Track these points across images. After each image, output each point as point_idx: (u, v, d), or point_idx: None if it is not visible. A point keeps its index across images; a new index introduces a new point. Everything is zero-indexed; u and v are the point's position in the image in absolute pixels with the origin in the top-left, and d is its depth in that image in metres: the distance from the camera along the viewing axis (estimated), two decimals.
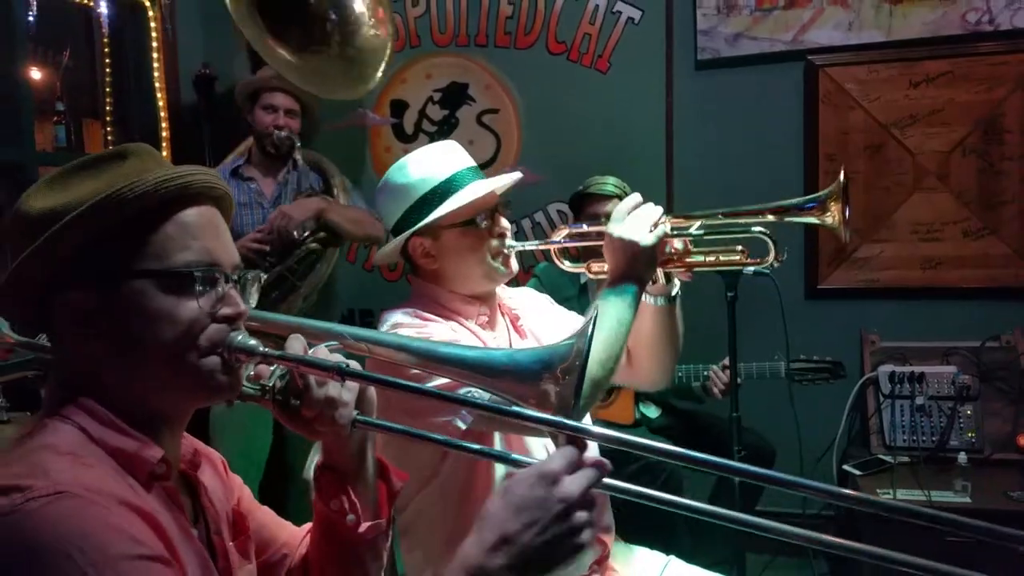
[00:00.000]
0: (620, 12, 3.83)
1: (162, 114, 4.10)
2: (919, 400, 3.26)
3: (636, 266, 1.73)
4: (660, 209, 1.78)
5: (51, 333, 1.09)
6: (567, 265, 2.07)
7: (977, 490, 2.89)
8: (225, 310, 1.07)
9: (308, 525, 1.32)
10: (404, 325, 1.76)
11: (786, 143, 3.69)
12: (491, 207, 1.84)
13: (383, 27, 3.59)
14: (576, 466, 0.97)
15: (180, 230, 1.05)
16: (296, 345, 1.13)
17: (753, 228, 1.81)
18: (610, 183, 3.35)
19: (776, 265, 1.83)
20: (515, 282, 2.00)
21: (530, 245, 1.98)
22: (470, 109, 4.08)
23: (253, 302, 1.16)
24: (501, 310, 1.96)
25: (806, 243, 3.69)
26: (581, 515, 0.95)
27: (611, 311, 1.70)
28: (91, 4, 3.91)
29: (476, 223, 1.80)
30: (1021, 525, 2.97)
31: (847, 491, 1.11)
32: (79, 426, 1.01)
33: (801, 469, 3.10)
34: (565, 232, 1.98)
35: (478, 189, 1.80)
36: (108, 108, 4.07)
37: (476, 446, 1.21)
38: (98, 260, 1.02)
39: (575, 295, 3.21)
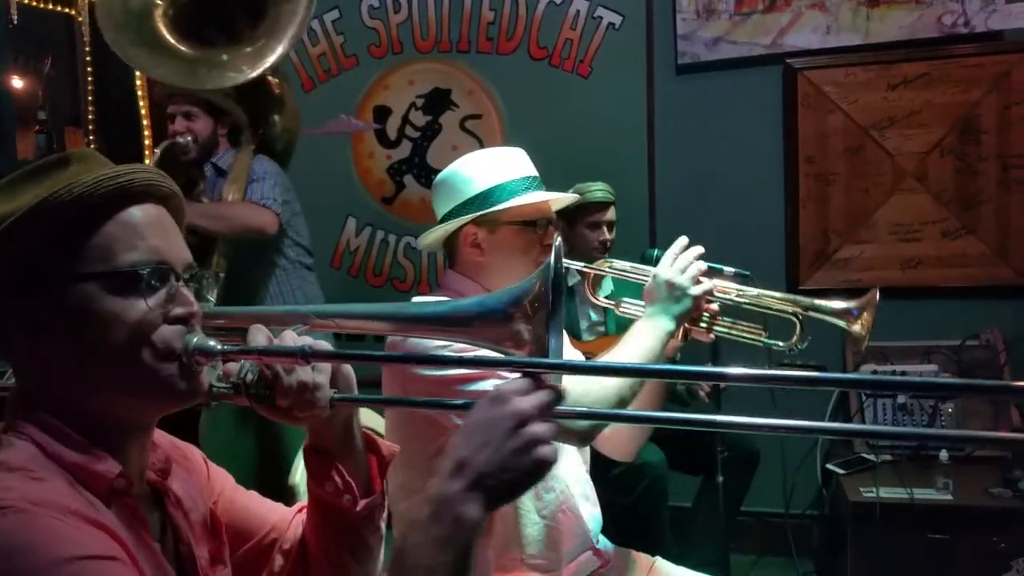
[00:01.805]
0: (601, 17, 3.85)
1: (144, 122, 4.10)
2: (901, 399, 3.29)
3: (675, 310, 1.80)
4: (704, 264, 1.85)
5: (2, 343, 1.06)
6: (601, 299, 2.14)
7: (959, 487, 2.92)
8: (177, 310, 1.04)
9: (298, 505, 1.31)
10: None
11: (766, 146, 3.73)
12: (548, 218, 1.91)
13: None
14: (529, 389, 0.97)
15: (124, 230, 1.02)
16: (259, 337, 1.10)
17: (786, 311, 1.89)
18: (603, 189, 3.37)
19: (795, 350, 1.91)
20: None
21: (574, 265, 2.04)
22: (453, 115, 4.09)
23: (213, 298, 1.14)
24: None
25: (787, 244, 3.72)
26: (535, 428, 0.94)
27: (645, 340, 1.76)
28: (73, 13, 3.90)
29: (535, 227, 1.86)
30: (1000, 520, 3.00)
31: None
32: (34, 441, 0.98)
33: (784, 469, 3.12)
34: (608, 265, 2.06)
35: (546, 195, 1.88)
36: (90, 116, 4.07)
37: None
38: (42, 266, 0.99)
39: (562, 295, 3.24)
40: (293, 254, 3.28)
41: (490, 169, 1.87)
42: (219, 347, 1.06)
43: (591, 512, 1.94)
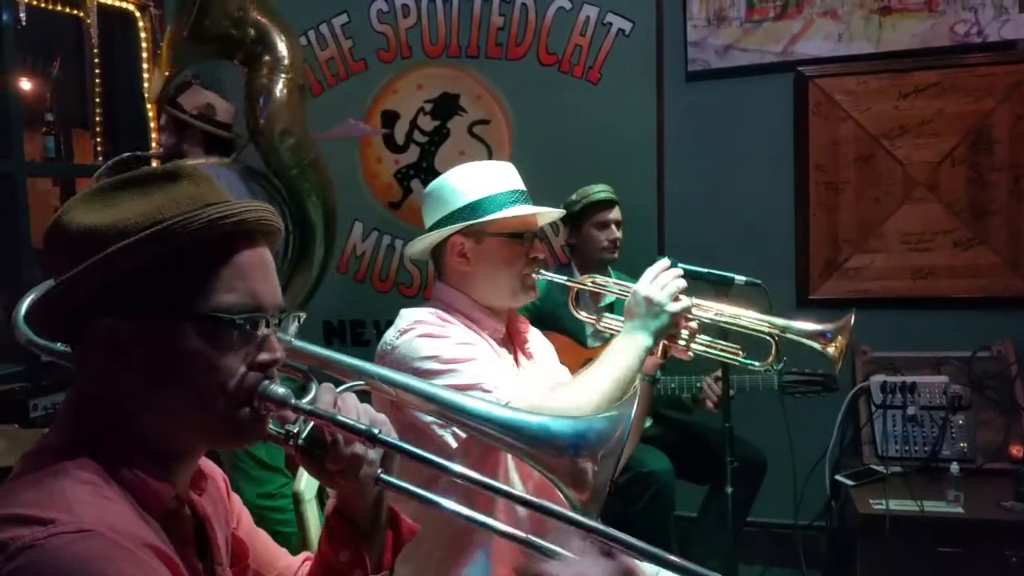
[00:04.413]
0: (611, 24, 3.83)
1: (151, 125, 4.09)
2: (911, 410, 3.26)
3: (653, 326, 1.84)
4: (684, 282, 1.89)
5: (77, 351, 1.04)
6: (582, 315, 2.19)
7: (969, 500, 2.88)
8: (263, 356, 1.03)
9: (304, 555, 1.31)
10: (424, 322, 1.83)
11: (776, 154, 3.70)
12: (534, 231, 1.95)
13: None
14: None
15: (229, 271, 1.00)
16: (327, 397, 1.10)
17: (762, 331, 1.91)
18: (606, 190, 3.39)
19: (771, 371, 1.94)
20: None
21: (557, 278, 2.05)
22: (461, 120, 4.07)
23: (292, 334, 1.13)
24: (510, 331, 2.02)
25: (797, 254, 3.69)
26: None
27: (621, 358, 1.79)
28: (81, 15, 3.90)
29: (521, 239, 1.90)
30: (1013, 534, 2.96)
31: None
32: (95, 454, 0.96)
33: (794, 479, 3.09)
34: (591, 280, 2.12)
35: (533, 209, 1.93)
36: (98, 119, 4.07)
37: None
38: (140, 291, 0.97)
39: (564, 302, 3.22)
40: None
41: (479, 181, 1.91)
42: (292, 400, 1.04)
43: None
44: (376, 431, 1.07)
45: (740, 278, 2.19)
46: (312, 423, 1.09)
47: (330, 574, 1.18)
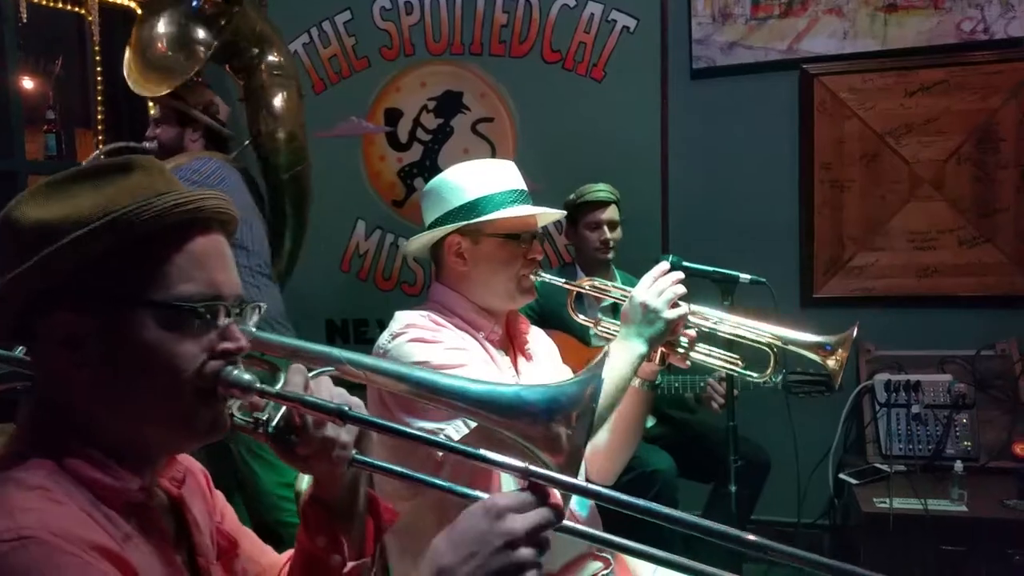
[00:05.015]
0: (615, 21, 3.82)
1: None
2: (915, 409, 3.25)
3: (648, 333, 1.82)
4: (682, 288, 1.87)
5: (32, 351, 1.03)
6: (580, 318, 2.18)
7: (973, 498, 2.88)
8: (225, 345, 1.01)
9: (288, 553, 1.28)
10: (417, 326, 1.81)
11: (781, 152, 3.69)
12: (532, 232, 1.92)
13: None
14: (528, 507, 0.93)
15: (186, 259, 0.99)
16: (297, 379, 1.07)
17: (761, 342, 1.91)
18: (603, 189, 3.37)
19: (769, 382, 1.95)
20: None
21: (556, 280, 2.04)
22: (465, 117, 4.06)
23: (252, 325, 1.11)
24: (510, 333, 2.00)
25: (801, 252, 3.69)
26: (524, 552, 0.91)
27: (615, 363, 1.77)
28: (82, 12, 3.89)
29: (519, 240, 1.87)
30: (1017, 533, 2.94)
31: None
32: (52, 455, 0.95)
33: (798, 478, 3.08)
34: (589, 283, 2.11)
35: (531, 210, 1.90)
36: (100, 117, 4.06)
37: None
38: (94, 283, 0.95)
39: (567, 302, 3.21)
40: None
41: (478, 180, 1.88)
42: (257, 384, 1.03)
43: (588, 515, 1.90)
44: (346, 408, 1.04)
45: (744, 276, 2.18)
46: (282, 410, 1.07)
47: (309, 562, 1.16)
